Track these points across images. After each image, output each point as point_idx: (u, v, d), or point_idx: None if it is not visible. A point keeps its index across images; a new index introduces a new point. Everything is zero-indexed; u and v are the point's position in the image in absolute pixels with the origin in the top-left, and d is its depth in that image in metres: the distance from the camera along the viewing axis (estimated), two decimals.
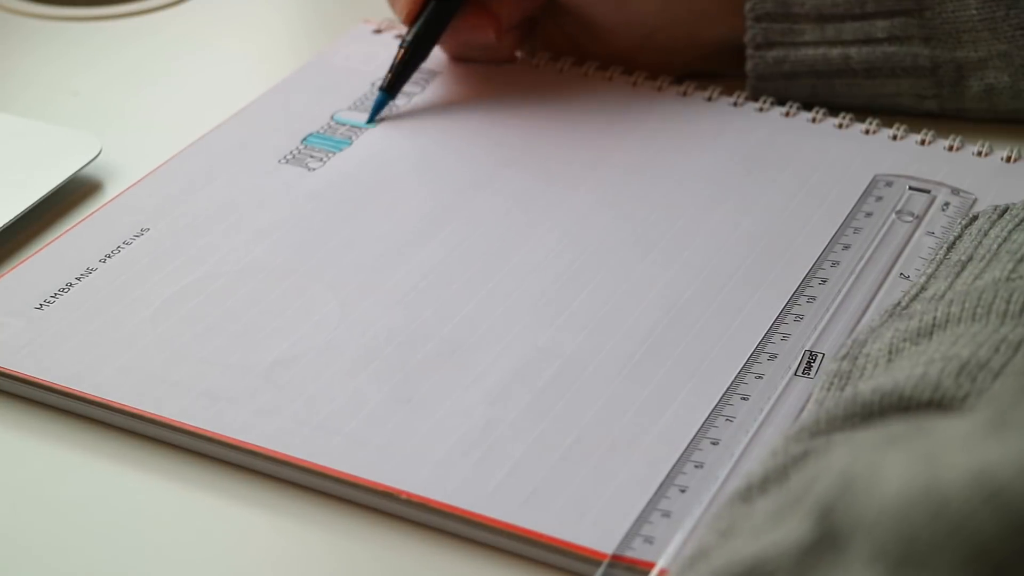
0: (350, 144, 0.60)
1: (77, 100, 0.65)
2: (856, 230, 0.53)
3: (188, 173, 0.58)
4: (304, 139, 0.60)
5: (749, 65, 0.62)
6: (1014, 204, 0.48)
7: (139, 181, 0.57)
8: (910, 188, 0.55)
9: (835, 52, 0.60)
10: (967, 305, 0.40)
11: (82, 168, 0.58)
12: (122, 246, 0.53)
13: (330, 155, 0.59)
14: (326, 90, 0.63)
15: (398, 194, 0.57)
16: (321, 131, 0.61)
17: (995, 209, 0.49)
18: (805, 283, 0.51)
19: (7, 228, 0.54)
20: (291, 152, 0.59)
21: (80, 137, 0.59)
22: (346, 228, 0.54)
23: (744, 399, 0.46)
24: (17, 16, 0.73)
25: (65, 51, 0.70)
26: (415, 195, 0.56)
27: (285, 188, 0.57)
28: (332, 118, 0.61)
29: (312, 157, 0.59)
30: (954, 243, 0.48)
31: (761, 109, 0.61)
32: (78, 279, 0.52)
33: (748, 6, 0.61)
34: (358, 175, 0.58)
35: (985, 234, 0.47)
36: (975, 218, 0.49)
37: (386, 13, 0.67)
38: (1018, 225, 0.46)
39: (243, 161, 0.59)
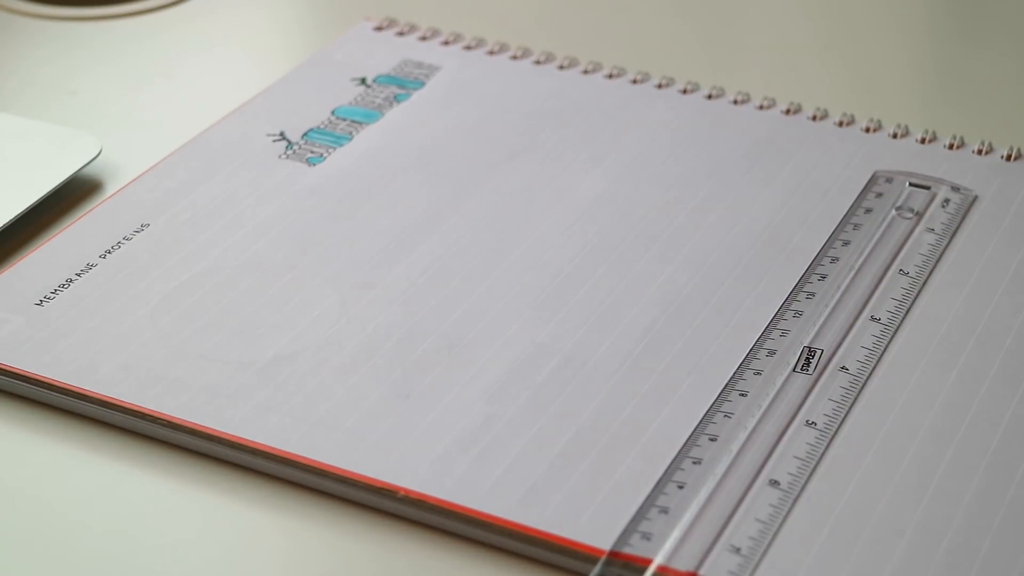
0: (351, 139, 0.60)
1: (77, 100, 0.65)
2: (856, 226, 0.53)
3: (188, 168, 0.58)
4: (305, 134, 0.60)
5: None
6: None
7: (139, 176, 0.57)
8: (910, 184, 0.55)
9: None
10: None
11: (82, 168, 0.58)
12: (122, 242, 0.54)
13: (331, 150, 0.59)
14: (327, 86, 0.63)
15: (398, 189, 0.57)
16: (322, 126, 0.61)
17: None
18: (804, 279, 0.51)
19: (7, 228, 0.54)
20: (292, 147, 0.59)
21: (80, 137, 0.59)
22: (346, 223, 0.54)
23: (743, 395, 0.46)
24: (17, 16, 0.73)
25: (65, 51, 0.70)
26: (415, 190, 0.56)
27: (285, 183, 0.57)
28: (333, 113, 0.61)
29: (313, 152, 0.59)
30: None
31: (761, 107, 0.61)
32: (78, 275, 0.52)
33: None
34: (358, 170, 0.58)
35: None
36: None
37: (386, 11, 0.67)
38: None
39: (243, 156, 0.59)
